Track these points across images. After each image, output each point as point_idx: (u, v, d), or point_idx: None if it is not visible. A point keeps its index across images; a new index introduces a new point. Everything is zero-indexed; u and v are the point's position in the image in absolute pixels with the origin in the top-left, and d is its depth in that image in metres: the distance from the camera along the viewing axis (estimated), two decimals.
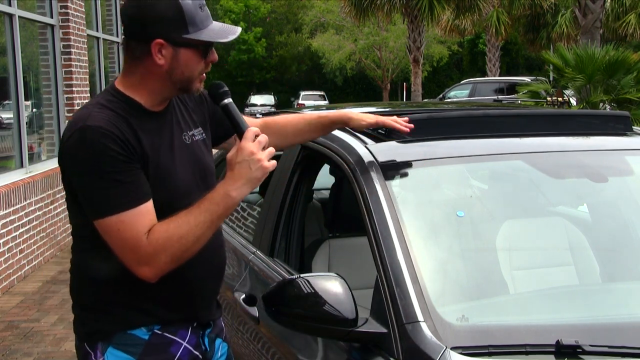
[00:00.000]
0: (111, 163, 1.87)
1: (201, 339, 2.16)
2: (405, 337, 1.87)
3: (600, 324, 2.00)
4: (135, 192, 1.90)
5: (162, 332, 2.05)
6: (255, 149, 1.91)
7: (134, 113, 1.98)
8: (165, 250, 1.89)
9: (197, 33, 1.95)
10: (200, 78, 2.02)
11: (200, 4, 1.97)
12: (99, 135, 1.87)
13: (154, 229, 1.90)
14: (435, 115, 2.73)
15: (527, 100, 11.59)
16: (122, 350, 2.02)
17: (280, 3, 44.47)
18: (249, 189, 1.94)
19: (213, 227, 1.93)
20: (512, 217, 2.47)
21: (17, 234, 6.58)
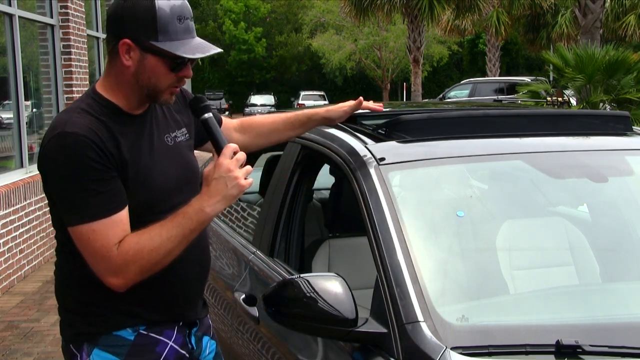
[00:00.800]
0: (87, 171, 1.87)
1: (187, 338, 2.17)
2: (405, 337, 1.87)
3: (600, 324, 2.00)
4: (108, 202, 1.89)
5: (147, 332, 2.05)
6: (232, 167, 1.90)
7: (113, 117, 1.96)
8: (135, 262, 1.88)
9: (165, 43, 1.91)
10: (170, 90, 1.99)
11: (179, 16, 1.92)
12: (77, 143, 1.86)
13: (126, 239, 1.89)
14: (435, 115, 2.73)
15: (527, 100, 11.60)
16: (108, 351, 2.02)
17: (280, 3, 44.48)
18: (224, 206, 1.93)
19: (185, 241, 1.92)
20: (512, 217, 2.47)
21: (17, 234, 6.58)
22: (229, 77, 45.20)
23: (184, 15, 1.94)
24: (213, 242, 3.47)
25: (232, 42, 43.50)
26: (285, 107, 37.02)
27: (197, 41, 1.97)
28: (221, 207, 1.92)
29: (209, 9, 45.80)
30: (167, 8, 1.91)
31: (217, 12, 44.58)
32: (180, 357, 2.12)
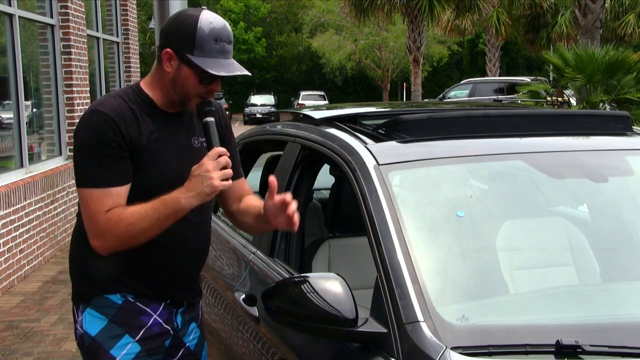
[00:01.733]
0: (102, 146, 2.16)
1: (174, 316, 2.38)
2: (405, 337, 1.88)
3: (600, 324, 2.00)
4: (111, 176, 2.17)
5: (134, 300, 2.31)
6: (211, 167, 2.11)
7: (145, 108, 2.26)
8: (114, 230, 2.15)
9: (199, 58, 2.18)
10: (197, 100, 2.25)
11: (216, 38, 2.19)
12: (101, 120, 2.17)
13: (113, 210, 2.16)
14: (435, 115, 2.73)
15: (527, 100, 11.60)
16: (98, 311, 2.30)
17: (280, 3, 44.45)
18: (198, 201, 2.14)
19: (159, 224, 2.15)
20: (512, 217, 2.47)
21: (17, 234, 6.58)
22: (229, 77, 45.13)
23: (221, 38, 2.21)
24: (213, 242, 3.47)
25: None
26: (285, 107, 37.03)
27: (228, 62, 2.22)
28: (195, 202, 2.14)
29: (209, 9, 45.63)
30: (207, 29, 2.19)
31: (217, 12, 44.57)
32: (163, 330, 2.35)
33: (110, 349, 2.28)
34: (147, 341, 2.31)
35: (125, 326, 2.29)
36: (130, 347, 2.29)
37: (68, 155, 8.45)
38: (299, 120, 3.15)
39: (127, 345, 2.29)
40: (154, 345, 2.33)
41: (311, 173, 2.95)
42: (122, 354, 2.28)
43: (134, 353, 2.29)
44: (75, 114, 8.47)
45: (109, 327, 2.29)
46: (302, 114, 3.15)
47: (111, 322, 2.29)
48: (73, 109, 8.43)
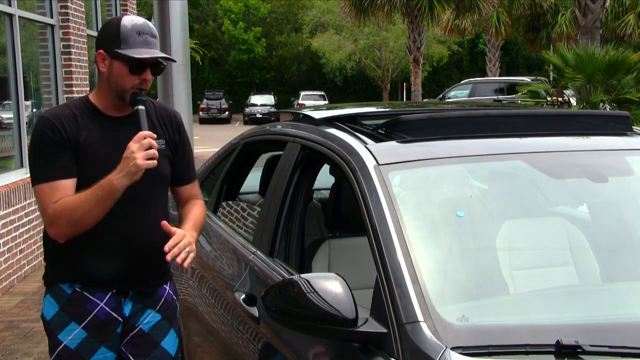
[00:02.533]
0: (43, 145, 2.48)
1: (122, 305, 2.60)
2: (405, 337, 1.87)
3: (600, 324, 2.00)
4: (54, 171, 2.46)
5: (81, 290, 2.56)
6: (135, 149, 2.38)
7: (87, 113, 2.55)
8: (62, 216, 2.43)
9: (125, 50, 2.46)
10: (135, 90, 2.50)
11: (139, 31, 2.48)
12: (43, 124, 2.50)
13: (60, 200, 2.44)
14: (435, 115, 2.73)
15: (527, 100, 11.60)
16: (54, 298, 2.59)
17: (280, 3, 44.42)
18: (127, 181, 2.39)
19: (99, 205, 2.42)
20: (512, 217, 2.47)
21: (17, 234, 6.58)
22: (229, 77, 45.15)
23: (144, 31, 2.49)
24: (213, 242, 3.47)
25: (231, 42, 43.48)
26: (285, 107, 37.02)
27: (152, 50, 2.49)
28: (125, 181, 2.39)
29: (209, 9, 45.76)
30: (129, 25, 2.48)
31: (217, 12, 44.53)
32: (111, 319, 2.57)
33: (59, 334, 2.58)
34: (94, 328, 2.55)
35: (71, 314, 2.56)
36: (77, 333, 2.56)
37: None
38: (299, 120, 3.15)
39: (74, 331, 2.56)
40: (103, 332, 2.56)
41: (311, 173, 2.95)
42: (68, 339, 2.56)
43: (80, 338, 2.55)
44: None
45: (59, 314, 2.57)
46: (302, 114, 3.15)
47: (61, 309, 2.57)
48: None
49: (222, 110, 36.00)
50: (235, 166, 3.75)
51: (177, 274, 3.72)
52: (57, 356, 2.61)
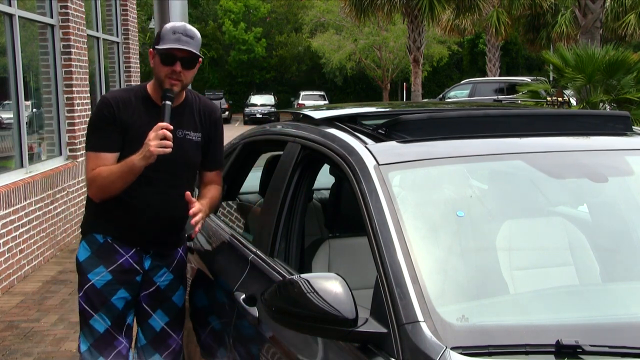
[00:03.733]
0: (98, 120, 3.01)
1: (143, 260, 3.11)
2: (405, 337, 1.87)
3: (600, 324, 2.00)
4: (102, 144, 2.98)
5: (112, 242, 3.08)
6: (152, 137, 2.83)
7: (141, 99, 3.04)
8: (95, 181, 2.98)
9: (160, 46, 2.94)
10: (169, 80, 2.95)
11: (174, 31, 2.94)
12: (102, 102, 3.03)
13: (98, 168, 2.96)
14: (435, 115, 2.73)
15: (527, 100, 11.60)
16: (87, 244, 3.11)
17: (280, 3, 44.42)
18: (144, 162, 2.86)
19: (122, 178, 2.92)
20: (512, 217, 2.47)
21: (17, 234, 6.59)
22: (229, 77, 45.15)
23: (178, 31, 2.94)
24: (213, 242, 3.48)
25: (231, 42, 43.46)
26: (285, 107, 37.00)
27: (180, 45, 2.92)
28: (143, 162, 2.86)
29: (209, 9, 45.75)
30: (169, 27, 2.98)
31: (217, 12, 44.53)
32: (133, 269, 3.09)
33: (89, 274, 3.06)
34: (118, 273, 3.05)
35: (101, 259, 3.06)
36: (103, 275, 3.05)
37: (68, 155, 8.45)
38: (299, 120, 3.16)
39: (101, 273, 3.05)
40: (125, 278, 3.07)
41: (311, 173, 2.95)
42: (96, 279, 3.05)
43: (105, 280, 3.05)
44: (75, 114, 8.47)
45: (91, 258, 3.07)
46: (302, 114, 3.15)
47: (93, 254, 3.08)
48: (73, 109, 8.43)
49: (222, 110, 35.99)
50: (235, 166, 3.75)
51: None
52: (85, 292, 3.07)
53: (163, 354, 3.19)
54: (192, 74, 3.03)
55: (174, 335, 3.22)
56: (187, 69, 2.96)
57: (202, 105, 3.15)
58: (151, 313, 3.17)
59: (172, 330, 3.21)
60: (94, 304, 3.05)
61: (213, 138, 3.16)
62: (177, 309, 3.22)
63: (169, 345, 3.20)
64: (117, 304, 3.07)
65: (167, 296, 3.17)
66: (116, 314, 3.07)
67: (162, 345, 3.19)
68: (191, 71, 3.00)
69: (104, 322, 3.05)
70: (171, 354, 3.21)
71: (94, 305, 3.05)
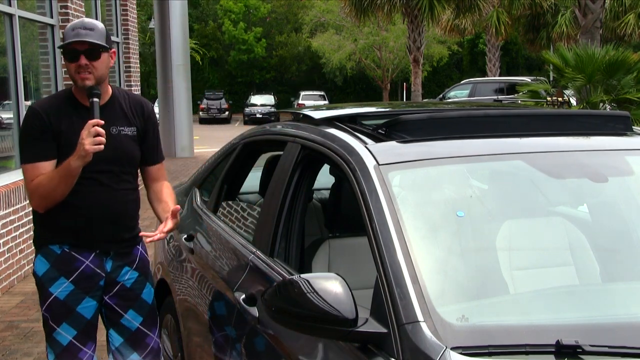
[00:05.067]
0: (29, 131, 2.99)
1: (104, 263, 3.09)
2: (405, 337, 1.88)
3: (600, 324, 2.00)
4: (38, 154, 2.95)
5: (69, 250, 3.04)
6: (84, 135, 2.82)
7: (69, 103, 3.03)
8: (36, 191, 2.95)
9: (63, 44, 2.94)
10: (78, 76, 2.94)
11: (73, 27, 2.93)
12: (30, 113, 3.01)
13: (36, 178, 2.93)
14: (435, 115, 2.73)
15: (527, 100, 11.59)
16: (44, 257, 3.07)
17: (280, 3, 44.41)
18: (81, 162, 2.85)
19: (62, 182, 2.89)
20: (512, 217, 2.47)
21: (17, 234, 6.58)
22: (229, 77, 45.15)
23: (77, 27, 2.93)
24: (213, 242, 3.47)
25: (231, 42, 43.47)
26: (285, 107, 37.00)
27: (78, 38, 2.90)
28: (79, 163, 2.85)
29: (209, 9, 45.75)
30: (70, 25, 2.97)
31: (217, 12, 44.53)
32: (95, 274, 3.06)
33: (49, 287, 3.03)
34: (80, 281, 3.03)
35: (61, 270, 3.03)
36: (65, 286, 3.03)
37: None
38: (299, 120, 3.15)
39: (63, 285, 3.03)
40: (88, 284, 3.05)
41: (311, 173, 2.94)
42: (58, 291, 3.02)
43: (68, 290, 3.02)
44: None
45: (50, 271, 3.04)
46: (302, 114, 3.15)
47: (52, 266, 3.04)
48: None
49: (222, 110, 35.97)
50: (235, 166, 3.75)
51: (177, 274, 3.72)
52: (48, 306, 3.04)
53: (142, 354, 3.18)
54: (103, 65, 2.97)
55: (151, 333, 3.21)
56: (93, 60, 2.92)
57: (132, 100, 3.16)
58: (122, 313, 3.15)
59: (147, 329, 3.20)
60: (58, 316, 3.03)
61: (149, 131, 3.17)
62: (148, 306, 3.22)
63: (147, 344, 3.20)
64: (83, 313, 3.06)
65: (136, 295, 3.17)
66: (84, 323, 3.06)
67: (140, 344, 3.18)
68: (99, 62, 2.94)
69: (68, 334, 3.04)
70: (150, 354, 3.20)
71: (58, 318, 3.04)
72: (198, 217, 3.76)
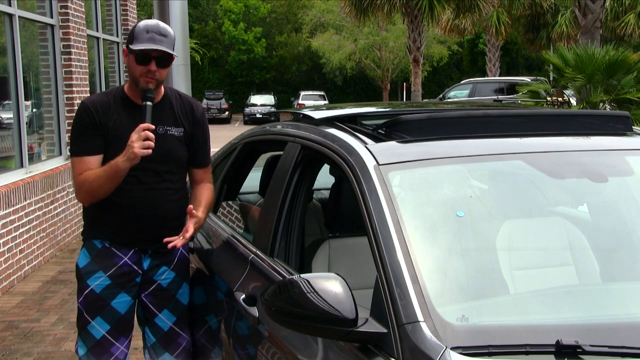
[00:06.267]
0: (79, 126, 3.05)
1: (142, 260, 3.14)
2: (405, 337, 1.87)
3: (600, 324, 2.00)
4: (85, 148, 3.03)
5: (110, 246, 3.12)
6: (134, 138, 2.89)
7: (119, 101, 3.08)
8: (83, 186, 3.03)
9: (134, 45, 2.96)
10: (143, 78, 2.99)
11: (147, 29, 2.97)
12: (82, 108, 3.07)
13: (85, 172, 3.01)
14: (435, 115, 2.73)
15: (527, 100, 11.59)
16: (87, 251, 3.15)
17: (280, 3, 44.40)
18: (128, 163, 2.92)
19: (109, 181, 2.96)
20: (512, 217, 2.47)
21: (17, 234, 6.59)
22: (229, 77, 45.14)
23: (152, 30, 2.97)
24: (213, 242, 3.48)
25: (231, 42, 43.46)
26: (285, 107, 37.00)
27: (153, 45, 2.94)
28: (127, 164, 2.92)
29: (209, 9, 45.73)
30: (142, 26, 2.99)
31: (217, 12, 44.52)
32: (132, 270, 3.12)
33: (87, 279, 3.09)
34: (117, 277, 3.09)
35: (100, 264, 3.09)
36: (102, 280, 3.08)
37: (68, 155, 8.45)
38: (299, 120, 3.15)
39: (100, 278, 3.08)
40: (125, 280, 3.10)
41: (311, 173, 2.95)
42: (95, 284, 3.08)
43: (104, 285, 3.08)
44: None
45: (90, 264, 3.11)
46: (302, 114, 3.15)
47: (92, 260, 3.11)
48: (73, 109, 8.42)
49: (222, 110, 35.98)
50: (235, 166, 3.75)
51: None
52: (84, 298, 3.10)
53: (174, 353, 3.22)
54: (167, 72, 3.06)
55: (183, 333, 3.24)
56: (162, 67, 3.00)
57: (184, 101, 3.19)
58: (157, 312, 3.19)
59: (180, 329, 3.23)
60: (93, 309, 3.08)
61: (197, 134, 3.18)
62: (182, 307, 3.24)
63: (179, 344, 3.23)
64: (117, 308, 3.10)
65: (171, 295, 3.20)
66: (117, 317, 3.10)
67: (172, 344, 3.21)
68: (166, 69, 3.03)
69: (101, 327, 3.08)
70: (182, 353, 3.24)
71: (93, 311, 3.08)
72: None
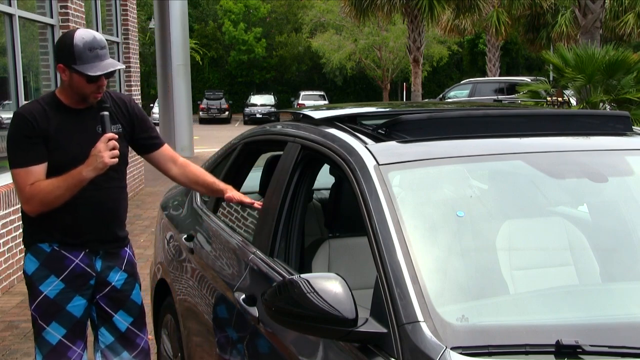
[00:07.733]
0: (18, 136, 2.99)
1: (94, 262, 3.14)
2: (405, 337, 1.88)
3: (600, 324, 2.00)
4: (27, 158, 2.96)
5: (59, 249, 3.08)
6: (102, 148, 2.90)
7: (54, 107, 3.04)
8: (36, 197, 2.95)
9: (81, 66, 2.92)
10: (93, 95, 3.00)
11: (89, 48, 2.92)
12: (18, 118, 3.01)
13: (36, 183, 2.95)
14: (435, 115, 2.73)
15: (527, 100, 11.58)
16: (34, 256, 3.09)
17: (280, 3, 44.41)
18: (94, 173, 2.92)
19: (68, 191, 2.94)
20: (512, 217, 2.47)
21: (17, 234, 6.58)
22: (229, 77, 45.15)
23: (94, 47, 2.93)
24: (213, 242, 3.48)
25: (231, 43, 43.46)
26: (285, 107, 37.00)
27: (104, 63, 2.94)
28: (92, 174, 2.92)
29: (209, 9, 45.74)
30: (81, 44, 2.92)
31: (217, 13, 44.52)
32: (86, 273, 3.11)
33: (40, 286, 3.06)
34: (71, 280, 3.07)
35: (51, 269, 3.06)
36: (56, 285, 3.06)
37: None
38: (299, 120, 3.15)
39: (53, 283, 3.06)
40: (79, 283, 3.09)
41: (311, 173, 2.95)
42: (48, 290, 3.06)
43: (58, 289, 3.06)
44: None
45: (40, 269, 3.07)
46: (302, 114, 3.15)
47: (41, 265, 3.07)
48: None
49: (222, 110, 35.98)
50: (235, 166, 3.75)
51: (177, 274, 3.72)
52: (38, 305, 3.08)
53: (132, 353, 3.25)
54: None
55: (141, 334, 3.29)
56: (109, 78, 3.05)
57: (116, 99, 3.21)
58: (112, 314, 3.21)
59: (137, 329, 3.28)
60: (48, 315, 3.07)
61: (135, 122, 3.22)
62: (138, 308, 3.29)
63: (137, 344, 3.27)
64: (73, 312, 3.10)
65: (126, 295, 3.24)
66: (73, 321, 3.11)
67: (130, 344, 3.25)
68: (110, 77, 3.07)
69: (57, 332, 3.08)
70: (141, 353, 3.28)
71: (48, 317, 3.07)
72: (198, 217, 3.76)
